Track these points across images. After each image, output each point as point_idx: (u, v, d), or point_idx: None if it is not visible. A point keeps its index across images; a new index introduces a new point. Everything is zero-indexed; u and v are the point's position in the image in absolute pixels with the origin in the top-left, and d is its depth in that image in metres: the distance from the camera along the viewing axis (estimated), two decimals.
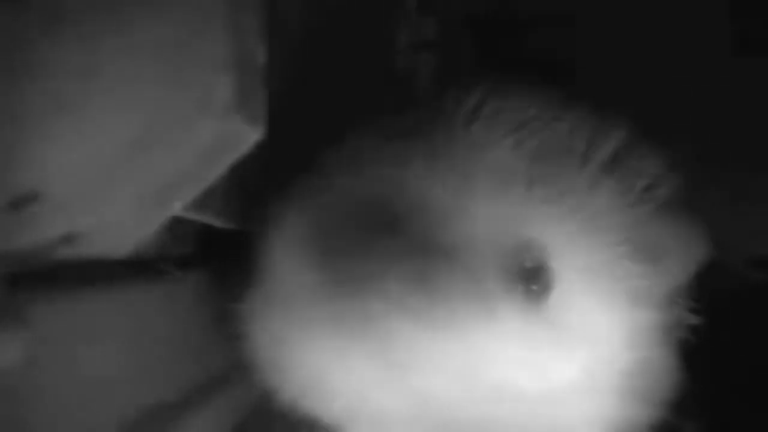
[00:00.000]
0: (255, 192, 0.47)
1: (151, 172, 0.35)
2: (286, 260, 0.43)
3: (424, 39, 0.66)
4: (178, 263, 0.47)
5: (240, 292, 0.48)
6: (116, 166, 0.34)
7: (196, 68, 0.34)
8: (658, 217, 0.41)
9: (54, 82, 0.30)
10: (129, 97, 0.33)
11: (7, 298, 0.29)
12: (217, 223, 0.46)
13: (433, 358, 0.39)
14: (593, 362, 0.41)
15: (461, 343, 0.38)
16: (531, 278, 0.39)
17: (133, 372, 0.40)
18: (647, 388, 0.43)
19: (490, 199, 0.39)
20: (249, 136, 0.36)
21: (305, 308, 0.42)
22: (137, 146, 0.34)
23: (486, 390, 0.40)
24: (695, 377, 0.44)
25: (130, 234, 0.39)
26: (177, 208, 0.39)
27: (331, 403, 0.44)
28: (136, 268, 0.42)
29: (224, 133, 0.35)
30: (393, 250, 0.38)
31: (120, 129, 0.33)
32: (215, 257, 0.53)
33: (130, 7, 0.31)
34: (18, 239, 0.32)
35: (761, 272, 0.61)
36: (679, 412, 0.44)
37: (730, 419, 0.50)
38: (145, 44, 0.32)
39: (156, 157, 0.35)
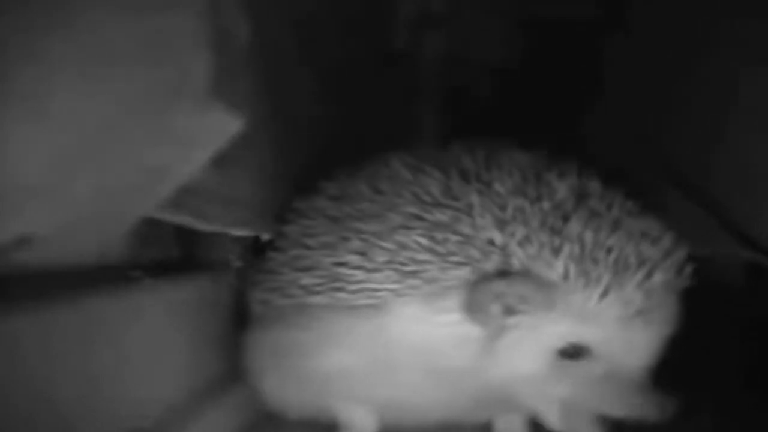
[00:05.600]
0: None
1: (119, 165, 0.34)
2: None
3: (429, 13, 0.65)
4: (150, 271, 0.46)
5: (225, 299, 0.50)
6: (78, 157, 0.32)
7: (168, 46, 0.33)
8: None
9: (3, 64, 0.29)
10: (91, 81, 0.32)
11: None
12: (195, 225, 0.44)
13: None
14: None
15: None
16: None
17: (97, 396, 0.38)
18: None
19: None
20: (230, 124, 0.36)
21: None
22: (102, 135, 0.32)
23: None
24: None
25: (95, 237, 0.38)
26: (149, 207, 0.39)
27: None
28: (102, 277, 0.41)
29: (202, 121, 0.35)
30: None
31: (82, 116, 0.32)
32: (194, 263, 0.53)
33: None
34: None
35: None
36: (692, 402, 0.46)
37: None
38: (110, 20, 0.31)
39: (124, 148, 0.34)
